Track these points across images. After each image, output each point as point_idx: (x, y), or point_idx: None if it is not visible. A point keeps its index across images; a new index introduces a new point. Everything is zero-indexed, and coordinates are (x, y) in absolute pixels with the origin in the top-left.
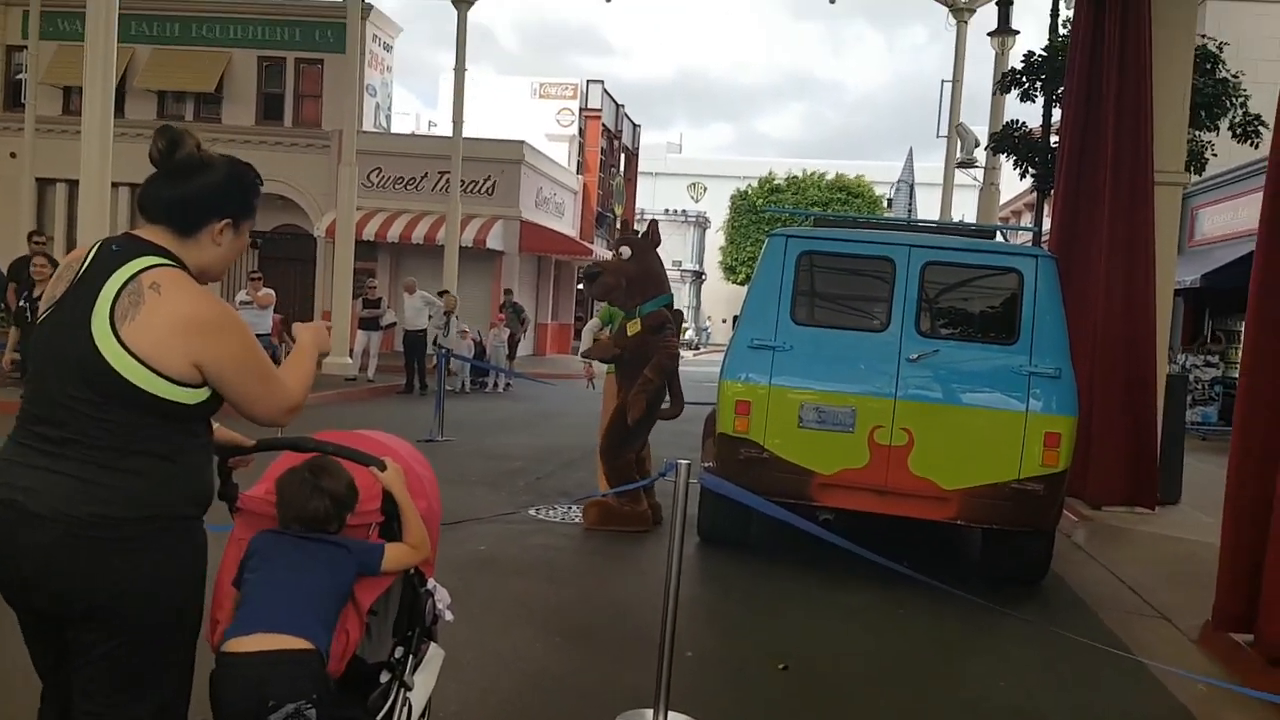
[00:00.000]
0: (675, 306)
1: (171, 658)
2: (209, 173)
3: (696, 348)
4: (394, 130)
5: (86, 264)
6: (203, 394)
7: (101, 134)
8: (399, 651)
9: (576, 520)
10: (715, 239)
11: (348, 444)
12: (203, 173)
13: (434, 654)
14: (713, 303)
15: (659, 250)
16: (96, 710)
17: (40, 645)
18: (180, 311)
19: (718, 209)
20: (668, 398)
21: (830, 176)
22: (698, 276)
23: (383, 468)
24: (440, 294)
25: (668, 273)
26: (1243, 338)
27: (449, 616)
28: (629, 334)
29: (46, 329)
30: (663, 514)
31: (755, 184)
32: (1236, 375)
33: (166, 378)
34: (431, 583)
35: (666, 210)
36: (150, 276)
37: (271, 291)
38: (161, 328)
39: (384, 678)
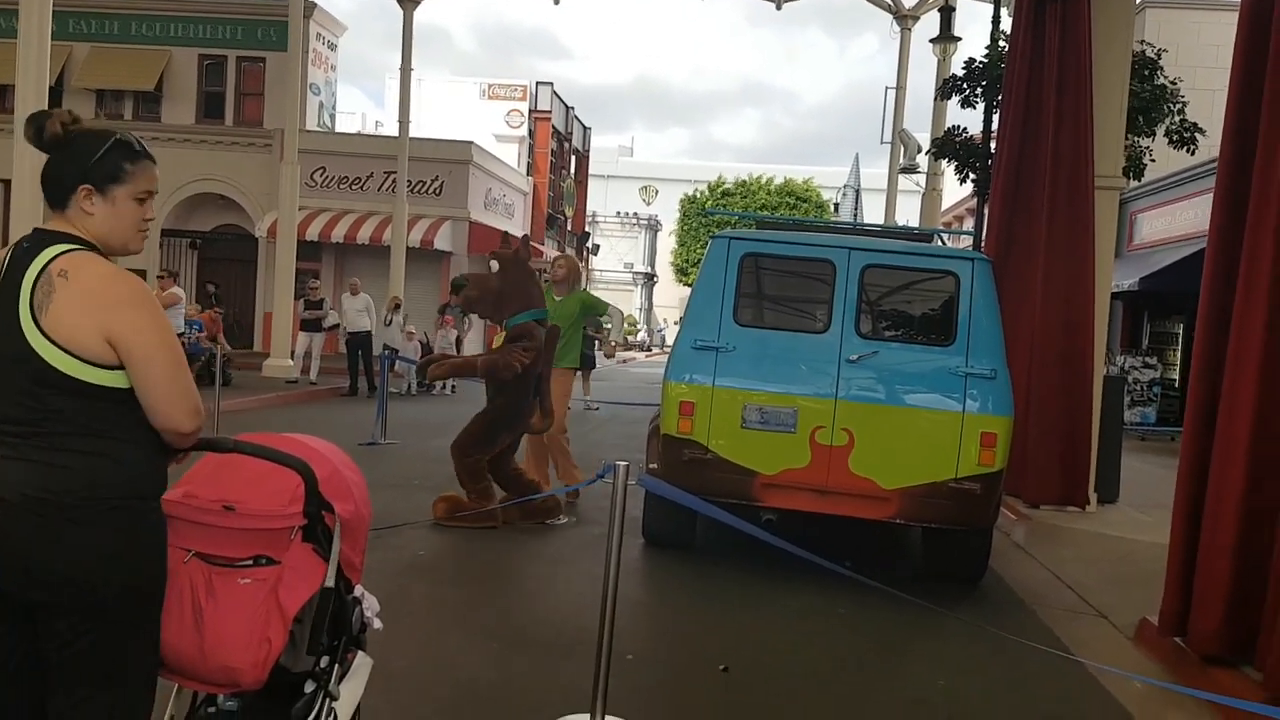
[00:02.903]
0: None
1: (133, 647)
2: (70, 145)
3: (649, 349)
4: (339, 130)
5: (5, 268)
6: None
7: None
8: (324, 661)
9: (516, 524)
10: (667, 242)
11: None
12: (65, 147)
13: (361, 663)
14: (665, 304)
15: (530, 266)
16: (64, 706)
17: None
18: (84, 289)
19: (669, 212)
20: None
21: (779, 181)
22: (649, 279)
23: (304, 468)
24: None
25: (616, 274)
26: (1194, 341)
27: (377, 625)
28: (493, 347)
29: None
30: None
31: (706, 188)
32: (1174, 377)
33: (89, 361)
34: (359, 590)
35: (618, 213)
36: (58, 264)
37: (178, 291)
38: (74, 311)
39: (309, 688)
